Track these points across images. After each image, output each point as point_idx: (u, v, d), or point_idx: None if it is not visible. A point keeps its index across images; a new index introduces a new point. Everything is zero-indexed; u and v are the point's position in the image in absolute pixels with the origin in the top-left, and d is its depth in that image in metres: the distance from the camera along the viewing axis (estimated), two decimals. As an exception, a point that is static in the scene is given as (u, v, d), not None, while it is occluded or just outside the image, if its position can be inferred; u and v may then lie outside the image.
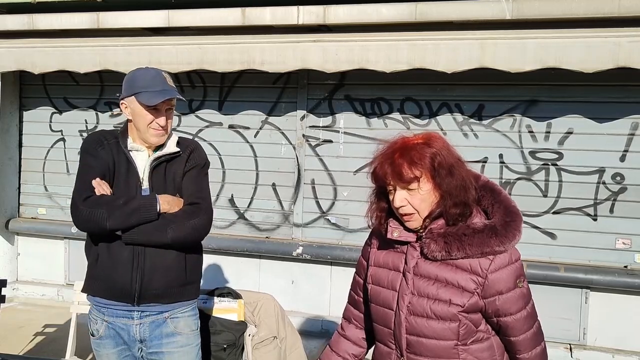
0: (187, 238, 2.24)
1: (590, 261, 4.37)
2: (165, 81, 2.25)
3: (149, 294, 2.23)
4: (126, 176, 2.26)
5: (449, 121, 4.61)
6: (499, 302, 1.65)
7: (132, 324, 2.27)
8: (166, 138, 2.31)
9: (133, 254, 2.21)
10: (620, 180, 4.30)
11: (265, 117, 5.05)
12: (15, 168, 5.76)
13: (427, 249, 1.65)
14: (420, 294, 1.67)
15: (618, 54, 3.66)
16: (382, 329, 1.78)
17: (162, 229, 2.18)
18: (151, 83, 2.23)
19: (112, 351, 2.33)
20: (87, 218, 2.14)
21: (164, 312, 2.29)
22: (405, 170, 1.60)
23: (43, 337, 4.68)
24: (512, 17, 3.87)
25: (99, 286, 2.28)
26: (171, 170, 2.31)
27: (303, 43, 4.30)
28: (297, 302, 5.04)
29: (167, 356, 2.29)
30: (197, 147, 2.41)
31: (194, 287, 2.37)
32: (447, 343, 1.66)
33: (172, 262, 2.25)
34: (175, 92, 2.25)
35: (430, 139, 1.67)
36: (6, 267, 5.74)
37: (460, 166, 1.66)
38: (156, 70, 2.29)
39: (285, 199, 5.06)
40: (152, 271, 2.22)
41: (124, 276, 2.21)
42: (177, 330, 2.31)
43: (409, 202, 1.63)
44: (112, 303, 2.27)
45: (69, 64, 4.81)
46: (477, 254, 1.62)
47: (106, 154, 2.27)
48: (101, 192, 2.19)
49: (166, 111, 2.27)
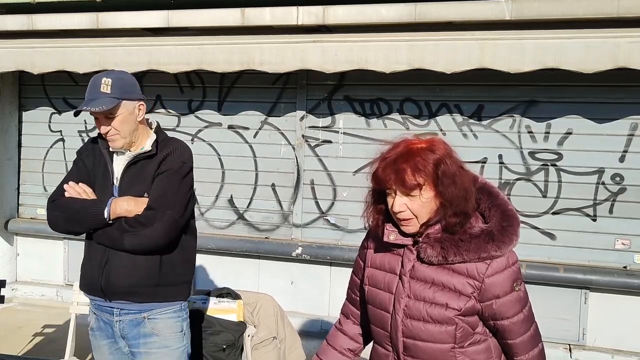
0: (146, 247, 2.22)
1: (589, 262, 4.37)
2: (98, 89, 2.21)
3: (116, 291, 2.26)
4: (103, 178, 2.32)
5: (448, 122, 4.61)
6: (495, 305, 1.64)
7: (114, 319, 2.33)
8: (122, 142, 2.28)
9: (104, 250, 2.27)
10: (619, 180, 4.30)
11: (264, 118, 5.05)
12: (15, 168, 5.75)
13: (423, 253, 1.64)
14: (417, 298, 1.67)
15: (617, 55, 3.66)
16: (378, 331, 1.78)
17: (120, 237, 2.21)
18: (87, 92, 2.26)
19: (103, 343, 2.40)
20: (49, 220, 2.33)
21: (142, 312, 2.31)
22: (409, 177, 1.58)
23: (42, 338, 4.67)
24: (511, 18, 3.87)
25: (81, 280, 2.39)
26: (145, 170, 2.30)
27: (302, 43, 4.29)
28: (297, 302, 5.04)
29: (145, 356, 2.32)
30: (177, 150, 2.34)
31: (174, 288, 2.35)
32: (443, 346, 1.66)
33: (141, 262, 2.26)
34: (96, 102, 2.18)
35: (434, 144, 1.64)
36: (5, 268, 5.73)
37: (463, 174, 1.64)
38: (97, 78, 2.25)
39: (284, 199, 5.06)
40: (118, 269, 2.25)
41: (94, 270, 2.29)
42: (154, 331, 2.31)
43: (408, 207, 1.62)
44: (93, 297, 2.37)
45: (68, 64, 4.80)
46: (474, 259, 1.61)
47: (88, 159, 2.37)
48: (73, 194, 2.27)
49: (107, 118, 2.23)
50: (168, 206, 2.25)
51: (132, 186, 2.28)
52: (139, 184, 2.28)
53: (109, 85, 2.22)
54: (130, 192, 2.27)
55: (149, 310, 2.31)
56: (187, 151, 2.39)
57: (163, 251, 2.29)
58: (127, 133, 2.27)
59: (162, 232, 2.22)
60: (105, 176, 2.32)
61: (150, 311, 2.31)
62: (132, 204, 2.24)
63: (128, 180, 2.29)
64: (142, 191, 2.28)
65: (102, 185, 2.31)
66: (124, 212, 2.22)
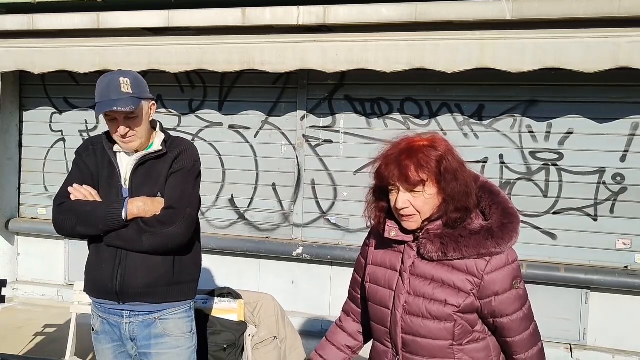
0: (164, 246, 2.21)
1: (590, 261, 4.37)
2: (119, 89, 2.16)
3: (131, 292, 2.23)
4: (108, 178, 2.28)
5: (449, 121, 4.61)
6: (495, 303, 1.65)
7: (122, 322, 2.29)
8: (138, 143, 2.25)
9: (117, 251, 2.23)
10: (620, 180, 4.30)
11: (265, 117, 5.05)
12: (15, 168, 5.76)
13: (423, 249, 1.66)
14: (417, 294, 1.68)
15: (618, 54, 3.66)
16: (379, 328, 1.79)
17: (138, 238, 2.18)
18: (102, 93, 2.18)
19: (107, 346, 2.36)
20: (59, 224, 2.25)
21: (153, 313, 2.28)
22: (412, 173, 1.60)
23: (43, 337, 4.68)
24: (512, 18, 3.87)
25: (89, 284, 2.34)
26: (156, 170, 2.27)
27: (303, 43, 4.29)
28: (297, 302, 5.04)
29: (156, 357, 2.30)
30: (188, 149, 2.34)
31: (185, 287, 2.35)
32: (442, 343, 1.67)
33: (158, 262, 2.24)
34: (122, 102, 2.14)
35: (435, 141, 1.66)
36: (6, 267, 5.74)
37: (464, 171, 1.66)
38: (112, 77, 2.21)
39: (285, 199, 5.06)
40: (134, 269, 2.22)
41: (106, 273, 2.24)
42: (166, 332, 2.30)
43: (411, 204, 1.63)
44: (102, 301, 2.31)
45: (68, 64, 4.81)
46: (473, 255, 1.62)
47: (90, 159, 2.31)
48: (78, 196, 2.23)
49: (127, 119, 2.19)
50: (187, 205, 2.26)
51: (143, 187, 2.25)
52: (150, 184, 2.25)
53: (129, 85, 2.19)
54: (141, 192, 2.24)
55: (160, 311, 2.29)
56: (197, 150, 2.39)
57: (181, 250, 2.28)
58: (143, 133, 2.26)
59: (185, 230, 2.23)
60: (111, 177, 2.27)
61: (162, 312, 2.29)
62: (149, 204, 2.21)
63: (138, 180, 2.25)
64: (155, 191, 2.25)
65: (108, 186, 2.27)
66: (141, 213, 2.19)
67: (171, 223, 2.19)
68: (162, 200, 2.24)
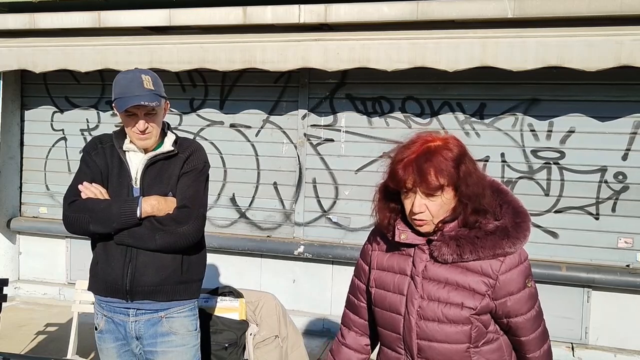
0: (176, 245, 2.23)
1: (592, 260, 4.37)
2: (142, 85, 2.19)
3: (141, 290, 2.24)
4: (119, 177, 2.28)
5: (450, 120, 4.60)
6: (510, 303, 1.64)
7: (128, 320, 2.29)
8: (153, 140, 2.28)
9: (126, 249, 2.24)
10: (622, 179, 4.29)
11: (266, 116, 5.05)
12: (17, 167, 5.76)
13: (437, 252, 1.61)
14: (431, 298, 1.64)
15: (620, 53, 3.65)
16: (389, 334, 1.74)
17: (151, 236, 2.19)
18: (125, 89, 2.20)
19: (111, 345, 2.36)
20: (72, 222, 2.22)
21: (159, 311, 2.29)
22: (432, 178, 1.55)
23: (44, 336, 4.68)
24: (513, 16, 3.85)
25: (96, 283, 2.33)
26: (167, 170, 2.29)
27: (304, 42, 4.29)
28: (299, 301, 5.04)
29: (162, 355, 2.30)
30: (198, 150, 2.37)
31: (192, 286, 2.35)
32: (459, 346, 1.64)
33: (167, 260, 2.25)
34: (147, 97, 2.18)
35: (450, 141, 1.62)
36: (8, 266, 5.74)
37: (478, 171, 1.64)
38: (134, 74, 2.24)
39: (286, 198, 5.06)
40: (144, 268, 2.23)
41: (116, 271, 2.24)
42: (172, 330, 2.31)
43: (427, 208, 1.59)
44: (109, 299, 2.30)
45: (70, 63, 4.81)
46: (489, 255, 1.60)
47: (99, 157, 2.31)
48: (89, 195, 2.22)
49: (147, 115, 2.22)
50: (200, 205, 2.29)
51: (154, 186, 2.26)
52: (161, 184, 2.27)
53: (151, 82, 2.23)
54: (152, 191, 2.25)
55: (167, 309, 2.30)
56: (205, 152, 2.42)
57: (189, 250, 2.30)
58: (158, 131, 2.29)
59: (197, 230, 2.26)
60: (121, 176, 2.28)
61: (168, 310, 2.30)
62: (162, 202, 2.23)
63: (149, 180, 2.27)
64: (167, 191, 2.27)
65: (119, 185, 2.27)
66: (155, 211, 2.21)
67: (185, 222, 2.22)
68: (174, 200, 2.26)
